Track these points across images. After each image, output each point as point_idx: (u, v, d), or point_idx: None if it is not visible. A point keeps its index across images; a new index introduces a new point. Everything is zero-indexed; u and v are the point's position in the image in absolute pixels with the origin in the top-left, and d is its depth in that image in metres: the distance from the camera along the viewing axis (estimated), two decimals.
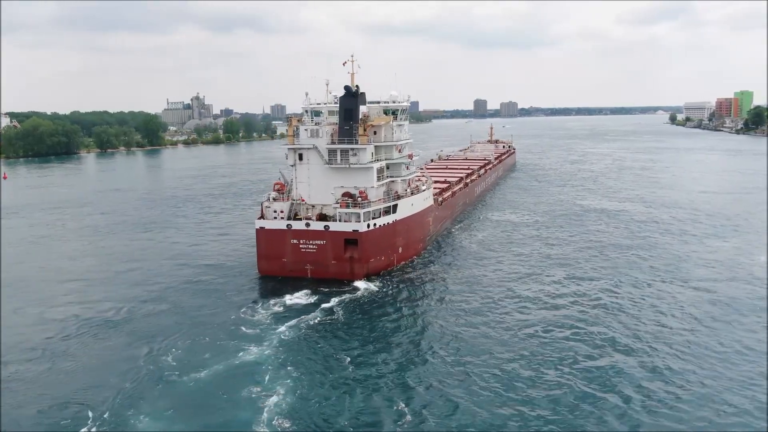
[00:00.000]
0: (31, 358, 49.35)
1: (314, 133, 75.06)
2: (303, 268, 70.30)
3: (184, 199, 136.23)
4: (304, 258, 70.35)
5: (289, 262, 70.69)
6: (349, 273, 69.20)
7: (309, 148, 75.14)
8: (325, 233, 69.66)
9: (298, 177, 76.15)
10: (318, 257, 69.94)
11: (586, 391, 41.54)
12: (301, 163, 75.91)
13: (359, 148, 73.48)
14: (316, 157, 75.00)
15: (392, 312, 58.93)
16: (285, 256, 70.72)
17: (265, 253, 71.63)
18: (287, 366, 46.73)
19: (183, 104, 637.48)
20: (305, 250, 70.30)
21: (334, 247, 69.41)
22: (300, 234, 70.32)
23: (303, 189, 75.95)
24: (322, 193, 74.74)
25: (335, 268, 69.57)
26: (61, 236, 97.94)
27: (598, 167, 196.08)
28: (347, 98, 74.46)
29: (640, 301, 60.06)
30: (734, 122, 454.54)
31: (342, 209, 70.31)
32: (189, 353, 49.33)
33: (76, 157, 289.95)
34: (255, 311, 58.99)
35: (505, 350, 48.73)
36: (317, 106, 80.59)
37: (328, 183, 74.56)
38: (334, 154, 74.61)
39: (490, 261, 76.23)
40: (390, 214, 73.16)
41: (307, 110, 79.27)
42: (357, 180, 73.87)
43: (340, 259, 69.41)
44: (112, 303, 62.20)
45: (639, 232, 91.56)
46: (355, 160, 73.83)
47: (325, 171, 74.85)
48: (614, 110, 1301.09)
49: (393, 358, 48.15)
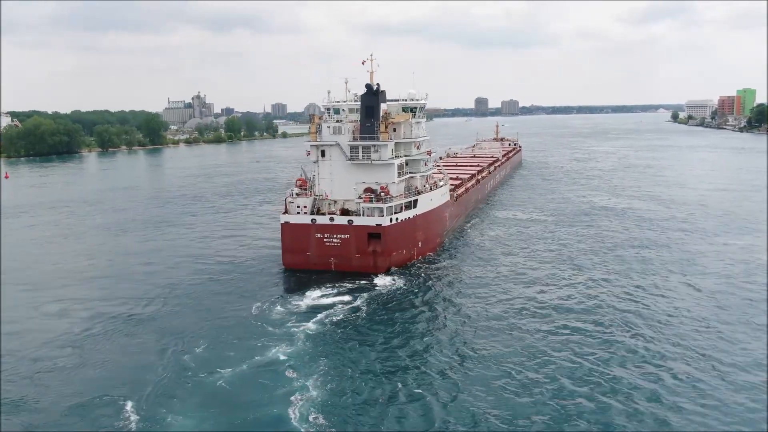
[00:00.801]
0: (56, 357, 49.48)
1: (336, 130, 77.74)
2: (327, 261, 72.94)
3: (192, 198, 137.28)
4: (328, 251, 72.98)
5: (314, 256, 73.31)
6: (372, 266, 71.84)
7: (331, 145, 77.80)
8: (349, 227, 72.32)
9: (320, 173, 78.81)
10: (342, 251, 72.59)
11: (617, 389, 42.06)
12: (323, 160, 78.58)
13: (381, 144, 76.13)
14: (338, 154, 77.66)
15: (416, 307, 60.10)
16: (309, 249, 73.34)
17: (290, 247, 74.25)
18: (315, 362, 47.33)
19: (184, 103, 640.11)
20: (329, 243, 72.94)
21: (357, 240, 72.05)
22: (324, 228, 72.96)
23: (325, 184, 78.59)
24: (344, 189, 77.41)
25: (359, 262, 72.20)
26: (74, 235, 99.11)
27: (603, 165, 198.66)
28: (368, 96, 77.00)
29: (656, 299, 60.51)
30: (737, 120, 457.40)
31: (365, 204, 72.95)
32: (216, 350, 49.90)
33: (78, 157, 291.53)
34: (280, 307, 59.97)
35: (527, 347, 49.11)
36: (337, 104, 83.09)
37: (350, 179, 77.24)
38: (356, 151, 77.26)
39: (505, 258, 77.39)
40: (411, 209, 75.85)
41: (328, 108, 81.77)
42: (378, 176, 76.57)
43: (363, 252, 72.07)
44: (134, 301, 62.95)
45: (650, 230, 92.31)
46: (376, 156, 76.50)
47: (347, 167, 77.51)
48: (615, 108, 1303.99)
49: (420, 354, 48.83)
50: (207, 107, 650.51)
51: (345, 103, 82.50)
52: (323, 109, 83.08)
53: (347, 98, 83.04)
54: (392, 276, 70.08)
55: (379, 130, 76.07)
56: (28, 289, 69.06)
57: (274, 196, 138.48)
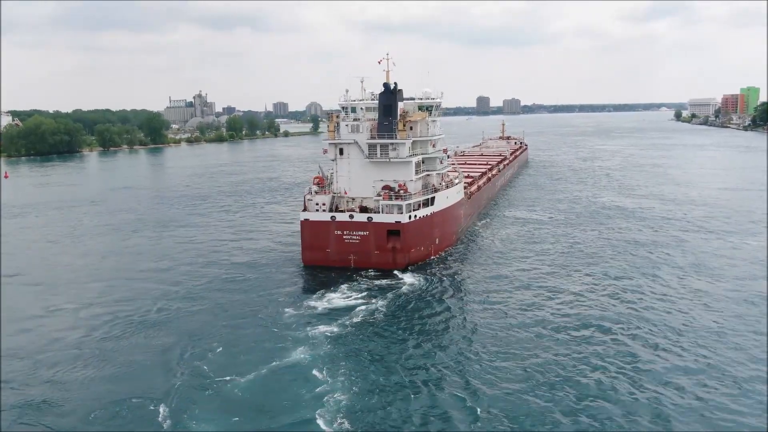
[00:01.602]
0: (72, 360, 49.12)
1: (355, 128, 79.33)
2: (346, 258, 74.51)
3: (198, 198, 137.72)
4: (347, 248, 74.56)
5: (333, 253, 74.87)
6: (391, 263, 73.41)
7: (349, 143, 79.38)
8: (368, 224, 73.91)
9: (338, 171, 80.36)
10: (361, 247, 74.17)
11: (635, 392, 42.18)
12: (341, 158, 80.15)
13: (399, 142, 77.70)
14: (356, 152, 79.25)
15: (435, 309, 60.01)
16: (329, 246, 74.91)
17: (310, 244, 75.82)
18: (338, 365, 46.92)
19: (185, 102, 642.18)
20: (349, 240, 74.51)
21: (377, 237, 73.64)
22: (344, 225, 74.54)
23: (343, 182, 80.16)
24: (362, 186, 79.00)
25: (378, 258, 73.79)
26: (82, 235, 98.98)
27: (610, 164, 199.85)
28: (386, 95, 78.47)
29: (671, 301, 60.36)
30: (741, 119, 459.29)
31: (385, 201, 74.53)
32: (235, 354, 49.38)
33: (79, 156, 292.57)
34: (298, 308, 59.88)
35: (546, 348, 49.07)
36: (353, 103, 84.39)
37: (368, 176, 78.85)
38: (374, 149, 78.83)
39: (519, 260, 76.43)
40: (428, 207, 77.44)
41: (345, 107, 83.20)
42: (396, 174, 78.16)
43: (382, 249, 73.64)
44: (148, 303, 62.48)
45: (662, 231, 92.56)
46: (394, 154, 78.08)
47: (365, 165, 79.10)
48: (617, 107, 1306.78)
49: (442, 356, 48.62)
50: (208, 106, 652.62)
51: (361, 101, 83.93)
52: (340, 107, 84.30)
53: (363, 97, 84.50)
54: (411, 274, 70.85)
55: (397, 129, 77.61)
56: (39, 290, 68.98)
57: (281, 196, 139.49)
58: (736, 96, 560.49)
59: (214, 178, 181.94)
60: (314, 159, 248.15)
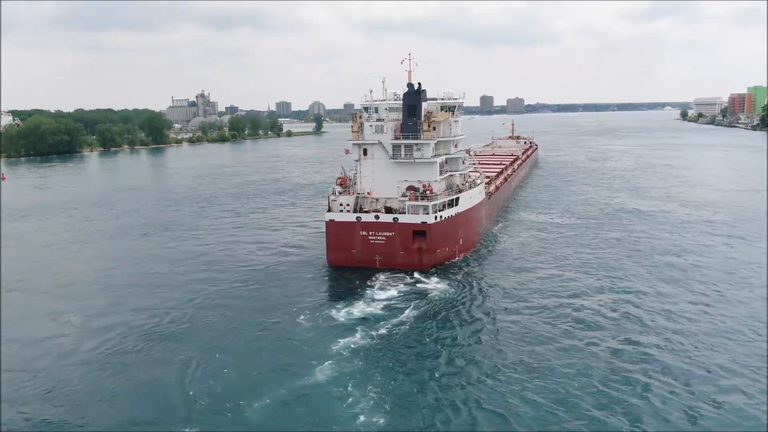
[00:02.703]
0: (83, 376, 47.47)
1: (379, 129, 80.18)
2: (372, 258, 75.35)
3: (205, 200, 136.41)
4: (373, 249, 75.41)
5: (358, 253, 75.73)
6: (417, 263, 74.26)
7: (374, 144, 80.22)
8: (395, 225, 74.74)
9: (362, 171, 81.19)
10: (387, 248, 75.01)
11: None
12: (365, 158, 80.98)
13: (424, 143, 78.52)
14: (380, 152, 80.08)
15: (465, 317, 59.00)
16: (354, 247, 75.77)
17: (335, 245, 76.66)
18: (367, 382, 45.03)
19: (188, 102, 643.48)
20: (374, 241, 75.36)
21: (402, 238, 74.47)
22: (369, 226, 75.38)
23: (367, 183, 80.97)
24: (387, 187, 79.84)
25: (404, 259, 74.63)
26: (89, 239, 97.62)
27: (622, 165, 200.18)
28: (410, 95, 79.28)
29: (699, 310, 59.37)
30: (749, 118, 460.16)
31: (411, 202, 75.33)
32: (257, 370, 47.54)
33: (79, 156, 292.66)
34: (322, 318, 58.38)
35: (585, 367, 47.37)
36: (375, 103, 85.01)
37: (392, 177, 79.68)
38: (398, 149, 79.66)
39: (544, 265, 76.07)
40: (453, 207, 78.28)
41: (367, 107, 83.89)
42: (421, 174, 78.99)
43: (408, 249, 74.47)
44: (162, 311, 61.03)
45: (683, 235, 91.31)
46: (419, 155, 78.91)
47: (390, 165, 79.92)
48: (621, 106, 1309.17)
49: (478, 371, 46.95)
50: (211, 105, 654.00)
51: (384, 102, 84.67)
52: (361, 108, 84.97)
53: (386, 97, 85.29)
54: (437, 280, 70.35)
55: (421, 129, 78.41)
56: (47, 298, 67.46)
57: (290, 198, 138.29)
58: (743, 95, 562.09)
59: (219, 179, 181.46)
60: (319, 159, 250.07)
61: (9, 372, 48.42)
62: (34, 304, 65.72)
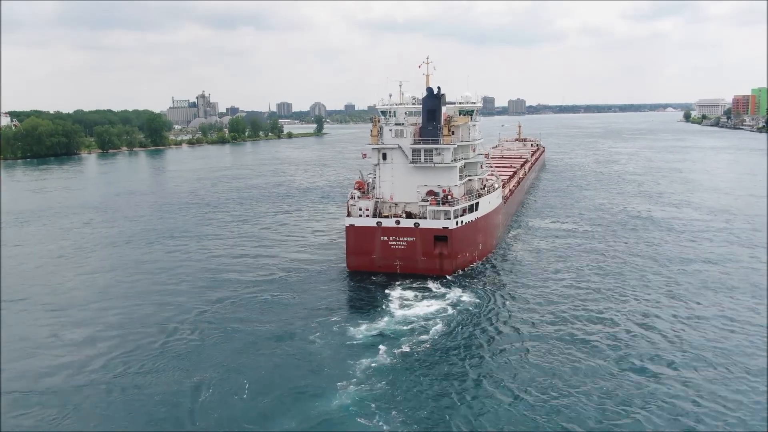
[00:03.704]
0: (90, 399, 46.29)
1: (398, 133, 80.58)
2: (392, 263, 75.74)
3: (207, 205, 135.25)
4: (393, 254, 75.79)
5: (379, 258, 76.13)
6: (438, 269, 74.67)
7: (393, 148, 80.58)
8: (416, 230, 75.11)
9: (381, 176, 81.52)
10: (407, 253, 75.38)
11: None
12: (384, 163, 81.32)
13: (444, 147, 78.95)
14: (400, 157, 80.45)
15: (491, 332, 57.57)
16: (374, 252, 76.15)
17: (355, 250, 77.04)
18: (392, 407, 43.67)
19: (188, 102, 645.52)
20: (395, 246, 75.73)
21: (423, 243, 74.84)
22: (390, 231, 75.76)
23: (386, 187, 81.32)
24: (406, 192, 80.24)
25: (424, 264, 75.00)
26: (90, 248, 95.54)
27: (630, 168, 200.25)
28: (430, 99, 79.71)
29: (734, 328, 58.01)
30: (754, 120, 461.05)
31: (432, 207, 75.67)
32: (272, 395, 45.69)
33: (77, 158, 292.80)
34: (340, 334, 56.89)
35: (614, 387, 46.44)
36: (392, 107, 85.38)
37: (411, 182, 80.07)
38: (418, 154, 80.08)
39: (562, 273, 75.65)
40: (473, 212, 78.66)
41: (386, 111, 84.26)
42: (440, 179, 79.39)
43: (429, 255, 74.85)
44: (171, 327, 59.34)
45: (701, 243, 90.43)
46: (439, 159, 79.32)
47: (409, 170, 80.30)
48: (623, 107, 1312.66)
49: (508, 394, 45.49)
50: (211, 106, 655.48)
51: (402, 106, 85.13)
52: (379, 112, 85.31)
53: (403, 101, 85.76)
54: (459, 292, 68.88)
55: (441, 134, 78.81)
56: (49, 309, 66.03)
57: (295, 203, 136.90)
58: (747, 97, 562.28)
59: (220, 183, 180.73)
60: (322, 162, 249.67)
61: (10, 394, 46.99)
62: (34, 320, 63.28)
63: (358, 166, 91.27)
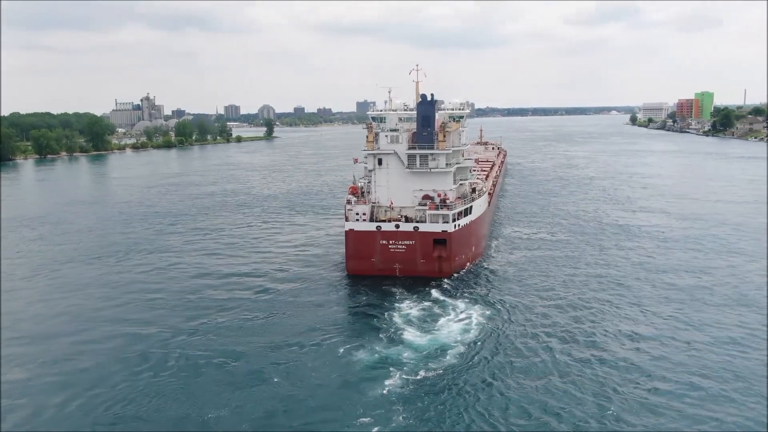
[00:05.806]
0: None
1: (394, 138, 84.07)
2: (392, 267, 79.12)
3: (163, 215, 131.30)
4: (393, 257, 79.18)
5: (378, 262, 79.37)
6: (437, 271, 78.46)
7: (389, 153, 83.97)
8: (415, 234, 78.70)
9: (377, 181, 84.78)
10: (407, 256, 78.90)
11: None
12: (380, 168, 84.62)
13: (439, 153, 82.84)
14: (395, 162, 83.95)
15: (497, 348, 57.07)
16: (374, 256, 79.34)
17: (355, 254, 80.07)
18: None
19: (132, 105, 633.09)
20: (394, 250, 79.13)
21: (423, 246, 78.50)
22: (389, 235, 79.12)
23: (382, 192, 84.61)
24: (402, 196, 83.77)
25: (424, 267, 78.67)
26: (51, 264, 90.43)
27: (590, 173, 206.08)
28: (425, 105, 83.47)
29: (733, 343, 58.68)
30: (700, 124, 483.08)
31: (431, 211, 79.40)
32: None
33: (12, 164, 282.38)
34: (344, 355, 55.50)
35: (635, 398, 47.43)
36: (383, 113, 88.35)
37: (407, 186, 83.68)
38: (413, 159, 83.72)
39: (562, 278, 77.90)
40: (468, 215, 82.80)
41: (375, 117, 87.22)
42: (435, 183, 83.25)
43: (428, 258, 78.57)
44: (160, 352, 56.44)
45: (679, 252, 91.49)
46: (434, 164, 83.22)
47: (405, 175, 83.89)
48: (569, 110, 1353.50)
49: (530, 420, 44.97)
50: (157, 109, 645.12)
51: (394, 112, 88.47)
52: (371, 118, 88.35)
53: (395, 107, 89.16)
54: (462, 302, 69.43)
55: (437, 139, 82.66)
56: (24, 342, 60.62)
57: (259, 211, 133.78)
58: (691, 101, 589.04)
59: (172, 191, 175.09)
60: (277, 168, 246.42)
61: None
62: (16, 350, 58.42)
63: (315, 172, 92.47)
